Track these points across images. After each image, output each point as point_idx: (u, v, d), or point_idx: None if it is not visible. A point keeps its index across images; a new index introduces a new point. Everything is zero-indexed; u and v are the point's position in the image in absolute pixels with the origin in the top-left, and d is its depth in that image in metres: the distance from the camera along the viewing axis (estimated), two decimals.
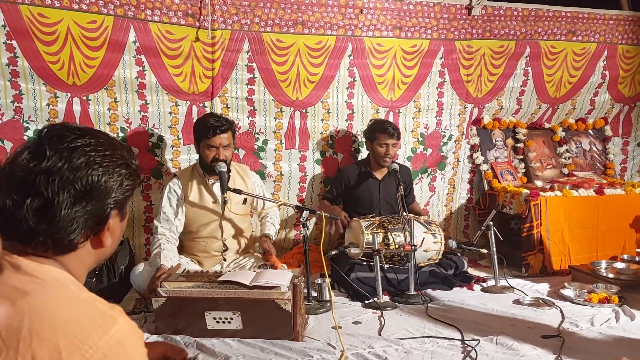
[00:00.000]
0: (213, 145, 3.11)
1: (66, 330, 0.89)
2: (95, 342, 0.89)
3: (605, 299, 3.09)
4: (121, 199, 1.04)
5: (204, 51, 3.64)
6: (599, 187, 4.12)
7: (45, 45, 3.21)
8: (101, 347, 0.89)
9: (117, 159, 1.04)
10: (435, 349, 2.45)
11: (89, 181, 0.99)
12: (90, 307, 0.95)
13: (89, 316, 0.93)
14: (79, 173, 0.98)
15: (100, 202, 1.01)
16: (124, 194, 1.05)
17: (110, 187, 1.02)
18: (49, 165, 0.97)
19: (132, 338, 0.95)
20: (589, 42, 4.57)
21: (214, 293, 2.50)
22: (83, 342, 0.88)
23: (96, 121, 3.47)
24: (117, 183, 1.03)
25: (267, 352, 2.37)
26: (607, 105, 4.86)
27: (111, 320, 0.93)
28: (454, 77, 4.30)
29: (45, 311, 0.90)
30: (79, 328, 0.90)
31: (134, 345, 0.95)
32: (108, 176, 1.02)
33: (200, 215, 3.23)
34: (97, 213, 1.01)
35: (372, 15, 3.99)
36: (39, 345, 0.86)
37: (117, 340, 0.91)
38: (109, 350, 0.90)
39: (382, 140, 3.72)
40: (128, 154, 1.08)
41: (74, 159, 0.98)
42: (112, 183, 1.02)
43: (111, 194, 1.02)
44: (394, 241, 3.39)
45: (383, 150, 3.73)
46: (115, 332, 0.92)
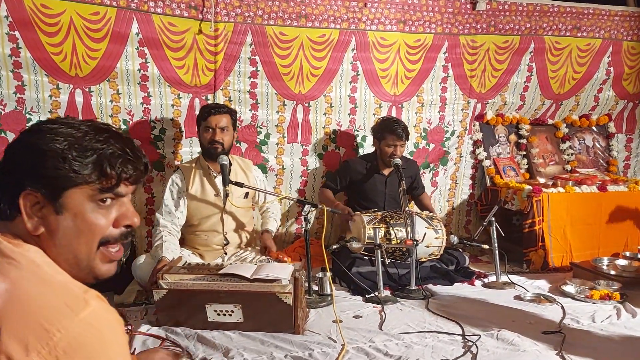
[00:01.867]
0: (209, 126, 3.15)
1: (35, 315, 0.86)
2: (64, 326, 0.85)
3: (607, 295, 3.08)
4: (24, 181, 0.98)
5: (206, 44, 3.63)
6: (601, 184, 4.10)
7: (47, 36, 3.20)
8: (70, 330, 0.85)
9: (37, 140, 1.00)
10: (435, 344, 2.44)
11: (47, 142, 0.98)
12: (62, 289, 0.92)
13: (61, 299, 0.90)
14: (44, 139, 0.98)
15: (11, 176, 0.98)
16: (32, 176, 0.98)
17: (17, 164, 0.99)
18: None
19: (106, 322, 0.92)
20: (594, 38, 4.54)
21: (215, 286, 2.50)
22: (52, 325, 0.85)
23: (98, 113, 3.47)
24: (26, 162, 0.99)
25: (267, 345, 2.37)
26: (611, 101, 4.84)
27: (83, 304, 0.90)
28: (457, 72, 4.29)
29: (17, 295, 0.88)
30: (48, 311, 0.87)
31: (109, 329, 0.92)
32: (22, 152, 1.00)
33: (201, 208, 3.23)
34: (11, 187, 0.98)
35: (376, 9, 3.97)
36: (5, 328, 0.84)
37: (88, 323, 0.88)
38: (79, 333, 0.86)
39: (391, 141, 3.70)
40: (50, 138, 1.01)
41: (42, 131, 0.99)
42: (20, 160, 0.99)
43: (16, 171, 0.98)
44: (396, 236, 3.39)
45: (391, 150, 3.72)
46: (86, 315, 0.88)
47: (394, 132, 3.69)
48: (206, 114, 3.18)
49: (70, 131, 1.01)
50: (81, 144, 1.00)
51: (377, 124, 3.87)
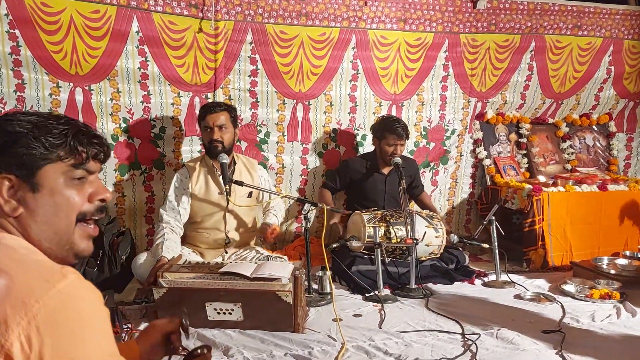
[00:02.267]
0: (207, 125, 3.16)
1: (13, 289, 0.87)
2: (41, 296, 0.86)
3: (607, 295, 3.09)
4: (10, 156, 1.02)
5: (206, 42, 3.62)
6: (602, 183, 4.10)
7: (48, 34, 3.20)
8: (47, 301, 0.86)
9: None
10: (435, 343, 2.44)
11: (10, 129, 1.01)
12: (38, 265, 0.94)
13: (37, 273, 0.91)
14: None
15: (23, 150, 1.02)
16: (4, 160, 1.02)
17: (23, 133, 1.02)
18: None
19: (85, 292, 0.92)
20: (595, 36, 4.54)
21: (215, 284, 2.50)
22: (29, 297, 0.86)
23: (98, 111, 3.47)
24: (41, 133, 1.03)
25: (267, 344, 2.38)
26: (611, 100, 4.83)
27: (59, 275, 0.91)
28: (458, 70, 4.28)
29: None
30: (25, 285, 0.88)
31: (88, 299, 0.92)
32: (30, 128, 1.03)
33: (204, 206, 3.23)
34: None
35: (377, 8, 3.97)
36: None
37: (66, 294, 0.88)
38: (57, 304, 0.87)
39: (391, 140, 3.70)
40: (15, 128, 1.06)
41: None
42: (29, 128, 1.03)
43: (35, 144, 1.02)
44: (396, 235, 3.39)
45: (391, 149, 3.71)
46: (64, 286, 0.89)
47: (394, 131, 3.68)
48: (204, 113, 3.20)
49: (32, 118, 1.05)
50: (46, 125, 1.05)
51: (377, 123, 3.87)
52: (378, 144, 3.80)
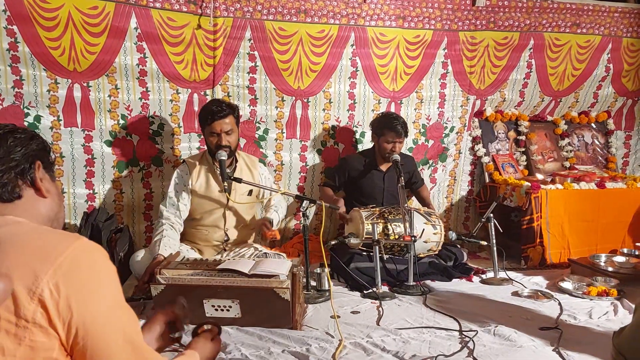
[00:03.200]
0: (214, 132, 3.11)
1: (36, 244, 1.06)
2: (63, 251, 1.04)
3: (604, 292, 3.10)
4: (34, 154, 1.24)
5: (205, 39, 3.62)
6: (600, 181, 4.11)
7: (46, 30, 3.20)
8: (69, 254, 1.05)
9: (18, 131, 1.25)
10: (433, 339, 2.45)
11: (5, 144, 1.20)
12: (51, 232, 1.13)
13: (52, 237, 1.10)
14: None
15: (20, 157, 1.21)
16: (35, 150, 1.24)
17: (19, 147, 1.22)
18: None
19: (96, 249, 1.11)
20: (594, 34, 4.54)
21: (213, 281, 2.50)
22: (51, 252, 1.04)
23: (97, 108, 3.46)
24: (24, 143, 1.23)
25: (265, 340, 2.38)
26: (610, 98, 4.83)
27: (74, 237, 1.10)
28: (457, 68, 4.28)
29: (10, 240, 1.07)
30: (44, 245, 1.06)
31: (100, 254, 1.11)
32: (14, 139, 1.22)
33: (204, 203, 3.22)
34: (22, 166, 1.20)
35: (376, 5, 3.96)
36: (11, 263, 1.02)
37: (83, 249, 1.08)
38: (76, 256, 1.06)
39: (390, 137, 3.69)
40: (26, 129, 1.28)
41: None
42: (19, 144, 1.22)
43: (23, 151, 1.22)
44: (394, 232, 3.39)
45: (389, 146, 3.70)
46: (80, 243, 1.08)
47: (393, 129, 3.67)
48: (210, 119, 3.10)
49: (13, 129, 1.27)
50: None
51: (376, 119, 3.86)
52: (377, 141, 3.80)
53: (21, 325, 1.01)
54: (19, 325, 1.01)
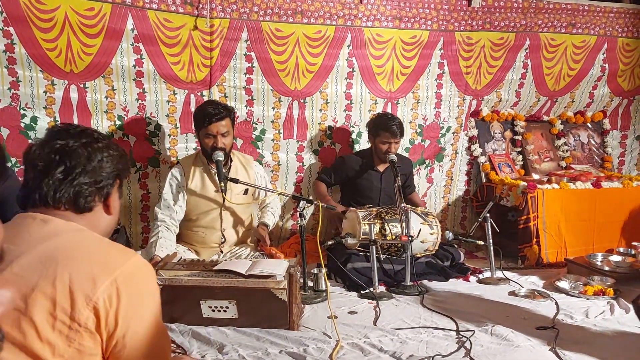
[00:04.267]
0: (210, 134, 3.10)
1: (97, 256, 1.15)
2: (120, 265, 1.14)
3: (601, 291, 3.11)
4: (119, 173, 1.32)
5: (202, 40, 3.62)
6: (596, 180, 4.12)
7: (42, 32, 3.19)
8: (125, 269, 1.14)
9: (112, 147, 1.33)
10: (430, 339, 2.46)
11: (94, 158, 1.27)
12: (111, 244, 1.23)
13: (112, 249, 1.20)
14: (88, 152, 1.27)
15: (107, 173, 1.29)
16: (120, 169, 1.33)
17: (108, 165, 1.30)
18: (65, 144, 1.25)
19: (148, 267, 1.23)
20: (589, 34, 4.55)
21: (210, 282, 2.50)
22: (109, 265, 1.13)
23: (93, 109, 3.46)
24: (115, 160, 1.32)
25: (262, 341, 2.38)
26: (606, 98, 4.85)
27: (131, 253, 1.21)
28: (453, 68, 4.29)
29: (75, 246, 1.16)
30: (105, 256, 1.16)
31: (150, 273, 1.23)
32: (108, 154, 1.30)
33: (200, 204, 3.22)
34: (104, 182, 1.28)
35: (372, 6, 3.97)
36: (74, 267, 1.10)
37: (137, 266, 1.18)
38: (132, 271, 1.15)
39: (386, 138, 3.69)
40: (118, 147, 1.37)
41: (82, 141, 1.28)
42: (111, 160, 1.30)
43: (112, 168, 1.30)
44: (391, 232, 3.40)
45: (385, 147, 3.71)
46: (136, 260, 1.19)
47: (389, 129, 3.68)
48: (207, 121, 3.09)
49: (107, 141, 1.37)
50: None
51: (372, 120, 3.87)
52: (373, 142, 3.81)
53: (74, 328, 1.08)
54: (72, 328, 1.08)
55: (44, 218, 1.21)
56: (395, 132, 3.67)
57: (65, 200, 1.24)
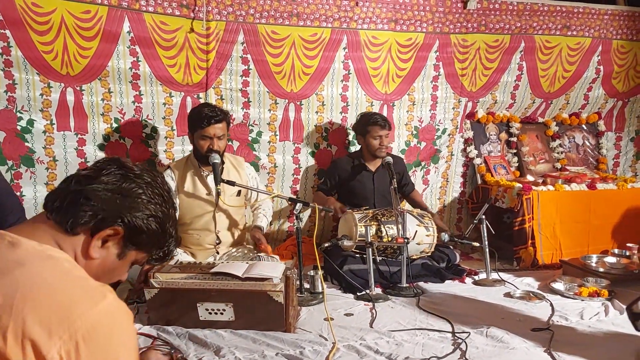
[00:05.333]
0: (207, 136, 3.11)
1: (58, 299, 0.95)
2: (84, 313, 0.94)
3: (595, 292, 3.12)
4: (135, 227, 1.12)
5: (198, 42, 3.63)
6: (591, 182, 4.14)
7: (39, 35, 3.19)
8: (89, 318, 0.94)
9: (165, 207, 1.17)
10: (426, 341, 2.47)
11: (133, 190, 1.12)
12: (81, 281, 1.02)
13: (80, 289, 0.99)
14: (137, 181, 1.13)
15: (122, 207, 1.10)
16: (140, 227, 1.12)
17: (139, 208, 1.12)
18: (127, 164, 1.14)
19: (120, 313, 1.01)
20: (584, 37, 4.58)
21: (206, 284, 2.51)
22: (72, 312, 0.93)
23: (90, 111, 3.46)
24: (145, 214, 1.13)
25: (259, 344, 2.39)
26: (600, 100, 4.88)
27: (101, 295, 0.99)
28: (448, 70, 4.31)
29: (39, 282, 0.97)
30: (69, 299, 0.95)
31: (122, 320, 1.01)
32: (147, 200, 1.14)
33: (193, 207, 3.23)
34: (110, 210, 1.09)
35: (368, 8, 3.98)
36: (30, 312, 0.92)
37: (106, 314, 0.97)
38: (97, 321, 0.95)
39: (375, 132, 3.73)
40: (172, 215, 1.20)
41: (145, 176, 1.15)
42: (143, 208, 1.13)
43: (134, 213, 1.11)
44: (387, 234, 3.41)
45: (377, 142, 3.74)
46: (104, 305, 0.97)
47: (376, 122, 3.72)
48: (205, 123, 3.09)
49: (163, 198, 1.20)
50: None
51: (356, 121, 3.90)
52: (363, 141, 3.83)
53: None
54: None
55: (12, 240, 1.04)
56: (382, 124, 3.72)
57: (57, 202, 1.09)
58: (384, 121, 3.76)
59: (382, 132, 3.73)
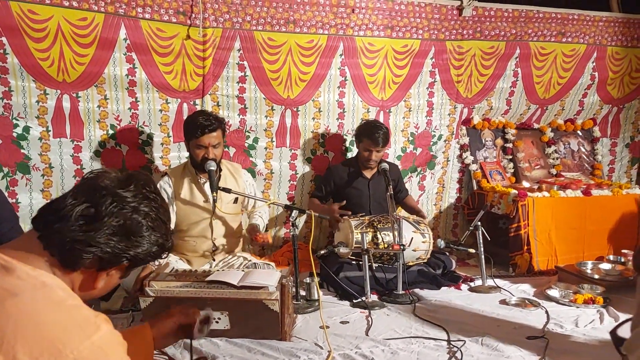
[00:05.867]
0: (202, 145, 3.11)
1: (49, 334, 0.92)
2: (76, 347, 0.92)
3: (590, 299, 3.13)
4: (139, 259, 1.12)
5: (195, 49, 3.63)
6: (586, 188, 4.16)
7: (35, 42, 3.20)
8: (82, 351, 0.92)
9: (164, 229, 1.14)
10: (421, 350, 2.47)
11: (135, 227, 1.08)
12: (75, 312, 0.99)
13: (73, 321, 0.96)
14: (136, 216, 1.09)
15: (127, 247, 1.08)
16: (144, 257, 1.12)
17: (143, 243, 1.10)
18: (121, 193, 1.08)
19: (113, 346, 1.00)
20: (579, 43, 4.60)
21: (201, 293, 2.51)
22: (65, 346, 0.91)
23: (86, 118, 3.46)
24: (148, 245, 1.11)
25: (254, 352, 2.39)
26: (595, 106, 4.90)
27: (94, 327, 0.98)
28: (444, 77, 4.32)
29: (31, 314, 0.93)
30: (62, 332, 0.93)
31: (115, 353, 0.99)
32: (149, 234, 1.11)
33: (190, 214, 3.23)
34: (115, 253, 1.07)
35: (364, 15, 3.99)
36: (21, 347, 0.90)
37: (98, 347, 0.95)
38: (89, 355, 0.93)
39: (367, 145, 3.71)
40: (168, 230, 1.18)
41: (142, 205, 1.10)
42: (146, 241, 1.11)
43: (138, 249, 1.10)
44: (383, 240, 3.41)
45: (366, 155, 3.73)
46: (97, 338, 0.96)
47: (371, 137, 3.68)
48: (199, 133, 3.08)
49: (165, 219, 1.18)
50: None
51: (360, 126, 3.87)
52: (358, 147, 3.84)
53: None
54: None
55: (6, 264, 1.00)
56: (377, 140, 3.67)
57: (56, 245, 1.05)
58: (381, 139, 3.67)
59: (374, 148, 3.70)
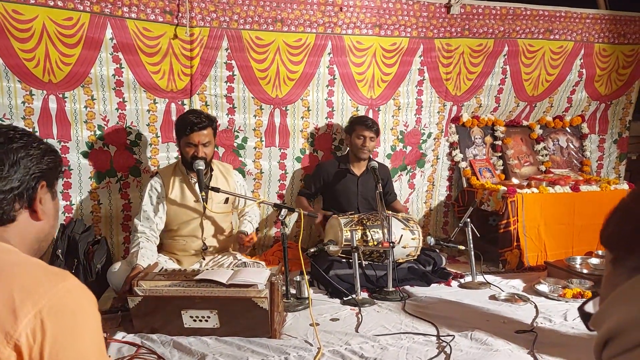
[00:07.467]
0: (191, 143, 3.10)
1: (20, 282, 0.96)
2: (46, 291, 0.96)
3: (579, 294, 3.15)
4: (42, 174, 1.14)
5: (182, 48, 3.62)
6: (574, 184, 4.18)
7: (20, 42, 3.17)
8: (52, 296, 0.96)
9: (32, 146, 1.15)
10: (411, 345, 2.48)
11: (18, 151, 1.11)
12: (41, 266, 1.04)
13: (41, 272, 1.01)
14: (11, 145, 1.11)
15: (27, 171, 1.11)
16: (43, 170, 1.14)
17: (28, 164, 1.12)
18: None
19: (84, 292, 1.03)
20: (566, 40, 4.62)
21: (190, 291, 2.50)
22: (35, 291, 0.95)
23: (72, 119, 3.44)
24: (34, 160, 1.13)
25: (244, 350, 2.38)
26: (584, 103, 4.93)
27: (62, 276, 1.02)
28: (433, 75, 4.33)
29: (1, 267, 0.99)
30: (31, 280, 0.97)
31: (86, 298, 1.03)
32: (36, 146, 1.14)
33: (181, 214, 3.22)
34: (23, 187, 1.11)
35: (352, 13, 4.00)
36: None
37: (67, 290, 0.99)
38: (61, 299, 0.97)
39: (360, 131, 3.78)
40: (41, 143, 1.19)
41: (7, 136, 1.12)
42: (29, 161, 1.12)
43: (31, 170, 1.12)
44: (373, 238, 3.42)
45: (360, 141, 3.77)
46: (66, 284, 1.00)
47: (363, 122, 3.79)
48: (188, 130, 3.07)
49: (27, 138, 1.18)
50: None
51: (350, 119, 4.00)
52: (350, 140, 3.86)
53: None
54: None
55: None
56: (369, 124, 3.78)
57: None
58: (372, 123, 3.81)
59: (367, 133, 3.75)
